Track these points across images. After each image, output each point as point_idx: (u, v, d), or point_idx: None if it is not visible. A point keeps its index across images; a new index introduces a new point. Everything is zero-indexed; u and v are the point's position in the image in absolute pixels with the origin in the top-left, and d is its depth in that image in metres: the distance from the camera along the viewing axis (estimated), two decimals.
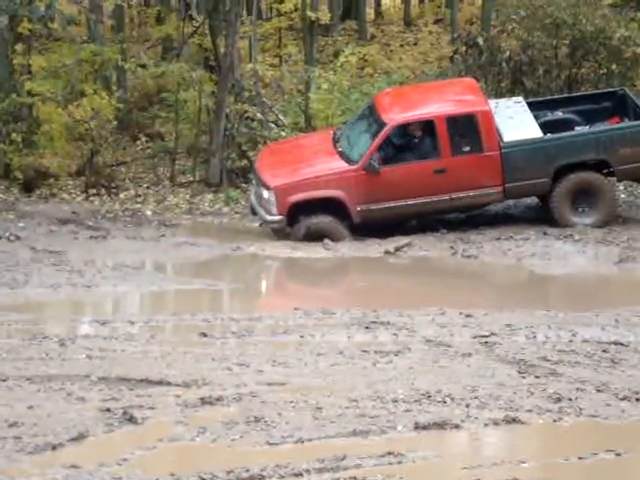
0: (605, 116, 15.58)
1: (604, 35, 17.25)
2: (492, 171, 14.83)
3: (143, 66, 18.48)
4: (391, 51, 21.50)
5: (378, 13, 23.69)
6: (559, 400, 9.03)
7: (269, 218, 14.94)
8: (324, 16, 18.12)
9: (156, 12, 22.09)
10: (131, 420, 8.46)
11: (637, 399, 9.10)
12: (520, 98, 15.96)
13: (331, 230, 14.65)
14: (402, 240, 14.55)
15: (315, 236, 14.58)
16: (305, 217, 14.68)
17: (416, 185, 14.68)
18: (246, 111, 17.38)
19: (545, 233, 14.75)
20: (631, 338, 10.70)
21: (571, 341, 10.57)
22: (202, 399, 8.87)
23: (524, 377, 9.55)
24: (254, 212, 15.37)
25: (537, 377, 9.55)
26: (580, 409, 8.88)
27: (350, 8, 22.89)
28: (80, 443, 8.08)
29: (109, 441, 8.18)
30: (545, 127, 15.21)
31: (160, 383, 9.22)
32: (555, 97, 16.50)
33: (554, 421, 8.72)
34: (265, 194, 14.92)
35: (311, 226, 14.66)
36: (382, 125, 14.85)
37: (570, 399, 9.05)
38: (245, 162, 17.11)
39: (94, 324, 11.21)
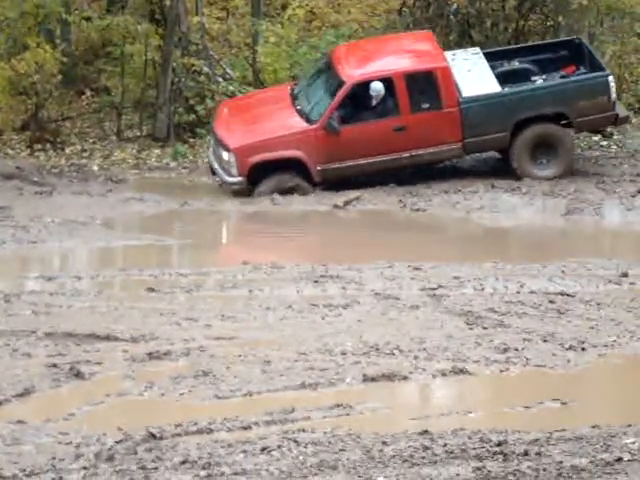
0: (560, 65, 15.60)
1: None
2: (451, 127, 14.80)
3: (88, 19, 18.15)
4: (339, 4, 21.31)
5: None
6: (506, 350, 9.12)
7: (229, 179, 14.79)
8: None
9: None
10: (78, 375, 8.41)
11: (582, 349, 9.22)
12: (477, 49, 15.85)
13: (295, 187, 14.56)
14: (351, 194, 14.53)
15: (280, 194, 14.47)
16: (267, 177, 14.54)
17: (376, 143, 14.61)
18: (193, 65, 17.17)
19: (493, 186, 14.80)
20: (577, 289, 10.81)
21: (518, 292, 10.66)
22: (150, 354, 8.84)
23: (472, 328, 9.63)
24: (213, 172, 15.21)
25: (484, 328, 9.63)
26: (527, 359, 8.98)
27: None
28: (26, 399, 8.04)
29: (56, 396, 8.14)
30: (502, 77, 15.20)
31: (107, 338, 9.18)
32: (512, 47, 16.45)
33: (501, 371, 8.81)
34: (225, 155, 14.76)
35: (275, 184, 14.54)
36: (341, 83, 14.69)
37: (517, 349, 9.14)
38: (193, 116, 16.94)
39: (40, 280, 11.10)
